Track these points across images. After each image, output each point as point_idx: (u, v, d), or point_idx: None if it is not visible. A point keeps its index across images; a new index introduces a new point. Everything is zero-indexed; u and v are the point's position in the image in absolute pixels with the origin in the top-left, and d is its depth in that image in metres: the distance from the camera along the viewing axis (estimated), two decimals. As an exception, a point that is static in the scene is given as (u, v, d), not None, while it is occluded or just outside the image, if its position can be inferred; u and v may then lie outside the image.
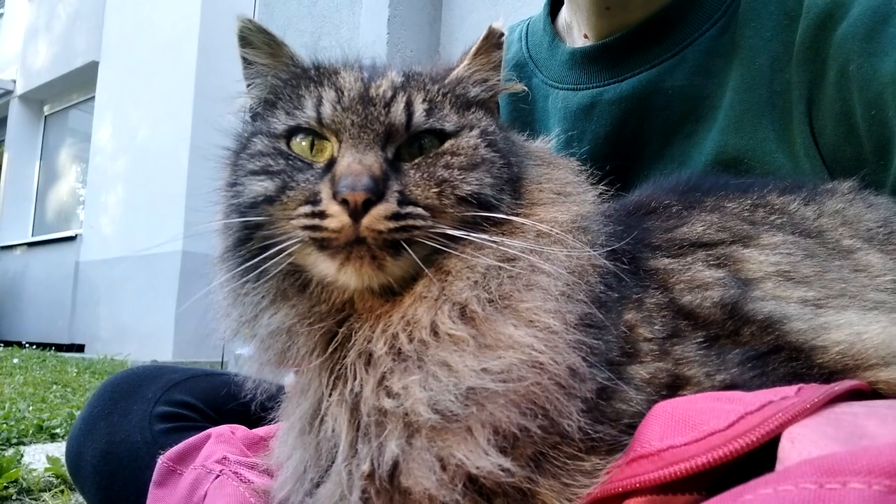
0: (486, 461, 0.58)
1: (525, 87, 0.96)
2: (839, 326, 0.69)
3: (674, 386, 0.65)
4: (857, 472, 0.43)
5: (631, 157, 1.27)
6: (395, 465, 0.61)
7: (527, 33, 1.48)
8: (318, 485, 0.67)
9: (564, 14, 1.41)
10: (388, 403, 0.62)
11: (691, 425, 0.57)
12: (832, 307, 0.73)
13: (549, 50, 1.40)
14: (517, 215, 0.72)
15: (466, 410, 0.60)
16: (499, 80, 0.83)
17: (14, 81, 12.78)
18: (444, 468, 0.59)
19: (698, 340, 0.69)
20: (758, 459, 0.54)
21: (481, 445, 0.59)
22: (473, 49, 0.82)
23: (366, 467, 0.62)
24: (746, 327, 0.70)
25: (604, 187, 0.84)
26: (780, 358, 0.68)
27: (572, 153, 0.98)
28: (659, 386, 0.65)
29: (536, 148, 0.87)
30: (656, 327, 0.69)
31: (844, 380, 0.61)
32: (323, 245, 0.66)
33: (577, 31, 1.36)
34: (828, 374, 0.66)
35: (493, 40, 0.82)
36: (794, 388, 0.59)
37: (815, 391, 0.57)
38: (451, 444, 0.60)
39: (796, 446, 0.51)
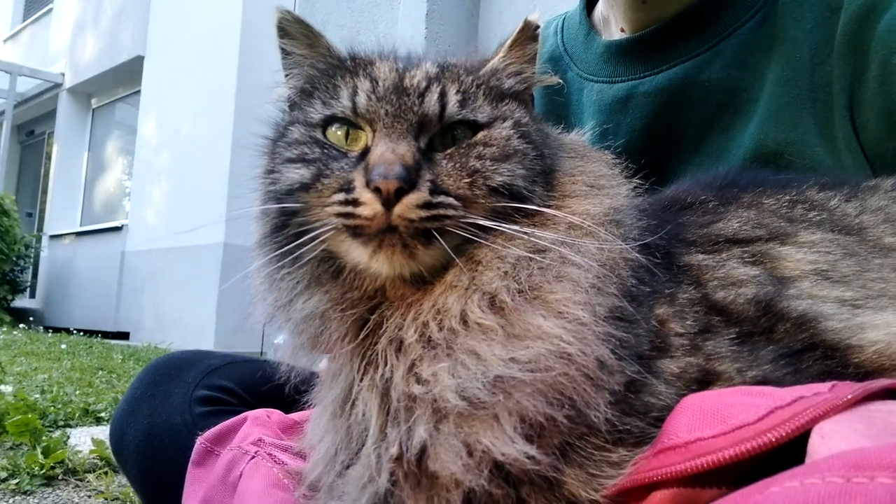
0: (512, 448, 0.59)
1: (560, 81, 0.95)
2: (876, 326, 0.68)
3: (704, 381, 0.65)
4: (885, 466, 0.42)
5: (667, 151, 1.26)
6: (423, 450, 0.62)
7: (563, 27, 1.48)
8: (348, 467, 0.68)
9: (601, 8, 1.40)
10: (417, 389, 0.63)
11: (720, 418, 0.56)
12: (870, 307, 0.72)
13: (585, 43, 1.40)
14: (549, 207, 0.72)
15: (493, 398, 0.60)
16: (534, 73, 0.83)
17: (63, 74, 13.16)
18: (470, 454, 0.60)
19: (731, 336, 0.68)
20: (788, 455, 0.53)
21: (507, 433, 0.59)
22: (509, 41, 0.82)
23: (394, 451, 0.63)
24: (781, 324, 0.69)
25: (638, 181, 0.83)
26: (814, 356, 0.67)
27: (607, 146, 0.97)
28: (689, 380, 0.65)
29: (570, 140, 0.87)
30: (688, 322, 0.69)
31: (881, 378, 0.60)
32: (356, 232, 0.68)
33: (613, 24, 1.35)
34: (863, 374, 0.65)
35: (528, 33, 0.82)
36: (829, 384, 0.58)
37: (849, 388, 0.56)
38: (477, 431, 0.60)
39: (826, 441, 0.51)
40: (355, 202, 0.67)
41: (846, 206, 0.88)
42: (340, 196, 0.68)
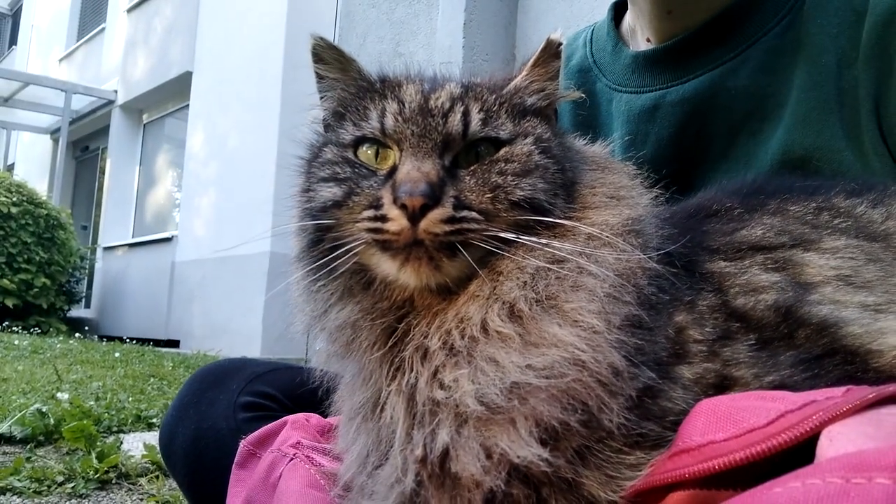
0: (528, 451, 0.61)
1: (583, 95, 0.97)
2: None
3: (721, 386, 0.66)
4: (883, 468, 0.44)
5: (695, 158, 1.27)
6: (446, 452, 0.65)
7: (591, 39, 1.49)
8: (378, 467, 0.72)
9: (628, 19, 1.42)
10: (440, 395, 0.66)
11: (732, 422, 0.58)
12: (893, 312, 0.72)
13: (613, 54, 1.41)
14: (569, 219, 0.75)
15: (510, 403, 0.63)
16: (556, 89, 0.86)
17: (116, 91, 13.59)
18: (488, 456, 0.63)
19: (749, 342, 0.69)
20: (803, 457, 0.55)
21: (523, 436, 0.62)
22: (532, 60, 0.84)
23: (419, 452, 0.66)
24: (801, 330, 0.70)
25: (660, 190, 0.85)
26: (834, 361, 0.68)
27: (635, 156, 0.99)
28: (706, 386, 0.66)
29: (592, 153, 0.89)
30: (707, 329, 0.70)
31: (899, 383, 0.61)
32: (385, 246, 0.71)
33: (640, 35, 1.37)
34: (884, 379, 0.65)
35: (551, 51, 0.84)
36: (843, 388, 0.59)
37: (862, 392, 0.57)
38: (495, 434, 0.63)
39: (834, 444, 0.52)
40: (383, 218, 0.70)
41: (872, 212, 0.88)
42: (370, 212, 0.72)
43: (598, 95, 1.42)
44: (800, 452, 0.54)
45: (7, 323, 10.25)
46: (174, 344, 10.56)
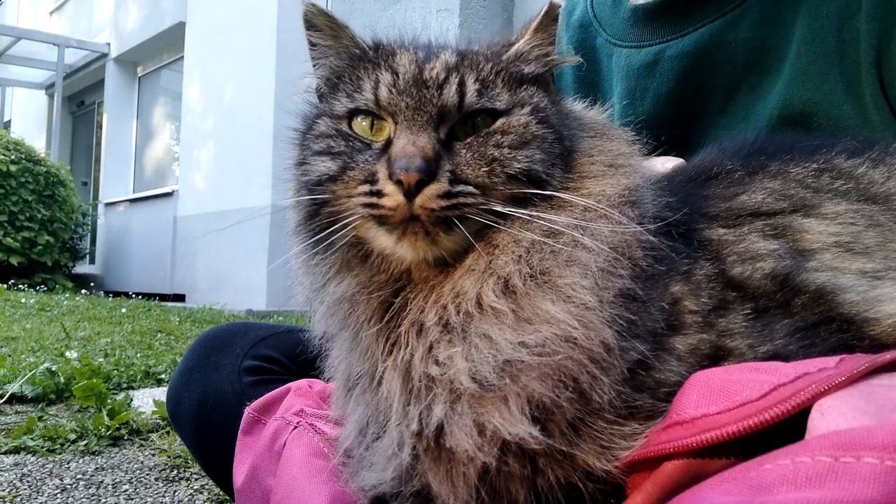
0: (519, 428, 0.63)
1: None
2: (893, 299, 0.69)
3: (716, 357, 0.67)
4: (871, 447, 0.44)
5: (694, 114, 1.25)
6: (441, 427, 0.66)
7: None
8: (377, 439, 0.74)
9: None
10: (434, 371, 0.68)
11: (726, 395, 0.59)
12: (891, 278, 0.72)
13: (613, 8, 1.38)
14: (567, 189, 0.74)
15: (502, 381, 0.64)
16: (556, 55, 0.84)
17: (108, 44, 13.36)
18: (481, 433, 0.64)
19: (745, 312, 0.69)
20: (796, 428, 0.56)
21: (514, 414, 0.63)
22: (533, 25, 0.82)
23: (415, 427, 0.68)
24: (797, 298, 0.70)
25: (660, 154, 0.84)
26: (830, 329, 0.68)
27: (634, 111, 0.97)
28: (700, 357, 0.67)
29: (590, 119, 0.87)
30: (703, 299, 0.70)
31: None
32: (381, 221, 0.71)
33: None
34: (879, 347, 0.66)
35: (552, 15, 0.81)
36: (836, 358, 0.59)
37: (856, 362, 0.57)
38: (487, 412, 0.64)
39: (825, 418, 0.53)
40: (379, 193, 0.70)
41: (873, 172, 0.87)
42: (365, 188, 0.71)
43: (599, 51, 1.39)
44: (794, 422, 0.55)
45: (13, 281, 10.32)
46: (180, 298, 10.63)
